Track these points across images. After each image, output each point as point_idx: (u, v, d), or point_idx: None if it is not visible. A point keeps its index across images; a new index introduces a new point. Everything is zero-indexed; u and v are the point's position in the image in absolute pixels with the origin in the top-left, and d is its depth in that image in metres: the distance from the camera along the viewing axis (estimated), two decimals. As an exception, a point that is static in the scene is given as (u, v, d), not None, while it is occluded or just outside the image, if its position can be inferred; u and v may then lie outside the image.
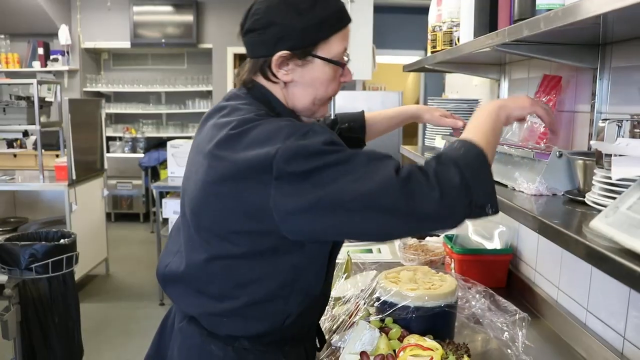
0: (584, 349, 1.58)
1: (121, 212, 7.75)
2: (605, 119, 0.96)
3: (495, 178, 1.40)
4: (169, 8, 7.61)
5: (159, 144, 7.76)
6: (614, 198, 0.97)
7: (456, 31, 1.75)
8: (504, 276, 2.10)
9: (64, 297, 3.28)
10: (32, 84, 4.88)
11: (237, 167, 1.10)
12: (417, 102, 7.71)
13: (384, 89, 8.91)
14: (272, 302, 1.22)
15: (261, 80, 1.25)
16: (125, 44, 7.65)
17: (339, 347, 1.44)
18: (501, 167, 1.41)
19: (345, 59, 1.29)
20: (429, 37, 2.10)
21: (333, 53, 1.22)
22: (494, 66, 2.21)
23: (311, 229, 1.09)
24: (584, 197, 1.13)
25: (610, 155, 0.95)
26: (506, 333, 1.60)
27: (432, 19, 2.21)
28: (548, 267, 1.86)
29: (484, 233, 2.18)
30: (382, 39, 6.75)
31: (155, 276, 1.38)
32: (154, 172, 7.39)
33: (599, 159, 0.97)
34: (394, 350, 1.37)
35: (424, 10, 7.43)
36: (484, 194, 1.06)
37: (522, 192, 1.28)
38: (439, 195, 1.02)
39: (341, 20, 1.24)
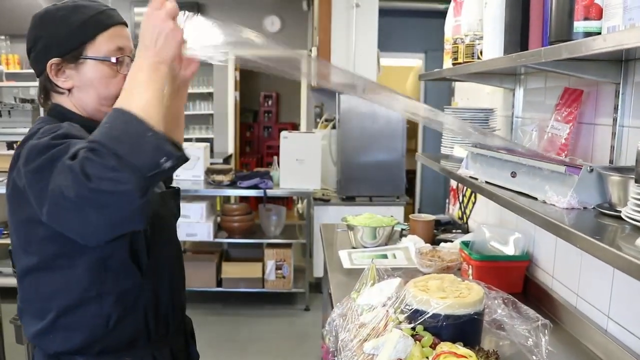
0: (605, 354, 1.62)
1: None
2: (645, 140, 1.01)
3: (525, 190, 1.46)
4: (169, 10, 7.63)
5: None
6: (650, 214, 1.01)
7: (479, 44, 1.80)
8: (520, 282, 2.15)
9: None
10: (36, 86, 4.90)
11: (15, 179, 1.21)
12: (417, 105, 7.75)
13: (383, 90, 8.90)
14: (84, 307, 1.28)
15: (54, 97, 1.34)
16: (127, 46, 7.66)
17: (373, 355, 1.48)
18: (530, 179, 1.45)
19: (127, 59, 1.34)
20: (449, 47, 2.14)
21: (103, 52, 1.31)
22: (509, 76, 2.26)
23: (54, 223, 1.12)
24: (617, 211, 1.18)
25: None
26: (530, 339, 1.65)
27: (449, 28, 2.26)
28: (566, 273, 1.91)
29: (500, 239, 2.22)
30: (381, 42, 6.80)
31: None
32: (155, 174, 7.39)
33: (639, 177, 1.02)
34: (427, 358, 1.42)
35: (425, 14, 7.49)
36: (146, 157, 1.03)
37: (553, 205, 1.32)
38: (93, 187, 1.00)
39: (105, 21, 1.32)
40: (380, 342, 1.48)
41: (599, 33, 1.11)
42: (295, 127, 9.06)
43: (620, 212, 1.14)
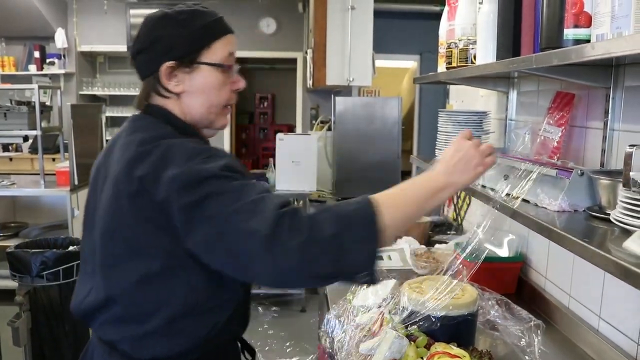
0: (597, 354, 1.65)
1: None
2: (633, 145, 1.03)
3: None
4: (165, 11, 7.64)
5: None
6: (638, 217, 1.04)
7: (472, 49, 1.82)
8: (514, 283, 2.18)
9: (74, 304, 3.31)
10: (33, 89, 4.91)
11: (144, 185, 1.15)
12: (413, 107, 7.79)
13: (379, 93, 8.98)
14: (196, 315, 1.25)
15: (156, 100, 1.31)
16: (122, 48, 7.66)
17: (369, 356, 1.51)
18: (522, 183, 1.47)
19: (236, 67, 1.36)
20: (443, 51, 2.17)
21: (217, 58, 1.30)
22: (503, 79, 2.28)
23: (202, 254, 1.14)
24: (606, 213, 1.21)
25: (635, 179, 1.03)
26: (523, 340, 1.68)
27: (443, 32, 2.29)
28: (559, 275, 1.94)
29: (494, 241, 2.25)
30: (376, 44, 6.84)
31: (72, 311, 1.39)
32: (151, 176, 7.40)
33: (627, 181, 1.04)
34: (422, 358, 1.44)
35: (420, 16, 7.53)
36: (356, 259, 1.06)
37: (545, 207, 1.35)
38: (303, 240, 1.03)
39: (220, 29, 1.33)
40: (375, 342, 1.50)
41: (588, 40, 1.14)
42: (290, 128, 9.08)
43: (609, 214, 1.17)
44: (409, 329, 1.53)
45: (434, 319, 1.50)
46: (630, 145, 1.04)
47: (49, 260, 3.17)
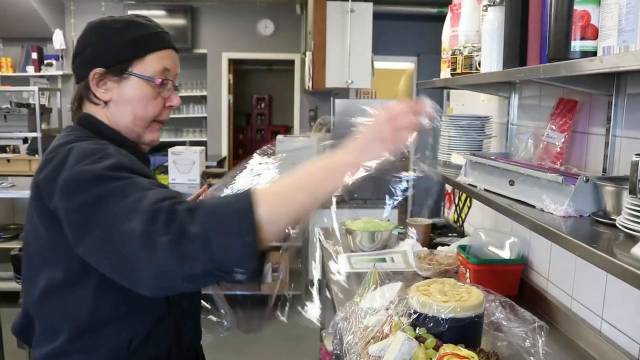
0: (599, 354, 1.69)
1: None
2: (639, 154, 1.07)
3: (523, 198, 1.53)
4: (163, 13, 7.67)
5: (153, 149, 7.78)
6: (643, 223, 1.08)
7: (477, 56, 1.86)
8: (516, 285, 2.22)
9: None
10: (33, 91, 4.93)
11: (40, 191, 1.17)
12: (410, 107, 7.83)
13: (376, 94, 9.02)
14: (107, 329, 1.21)
15: (87, 107, 1.32)
16: (120, 49, 7.68)
17: (379, 357, 1.54)
18: (528, 188, 1.51)
19: (170, 84, 1.35)
20: (447, 56, 2.21)
21: (149, 72, 1.30)
22: (505, 84, 2.32)
23: (91, 260, 1.10)
24: (611, 219, 1.25)
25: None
26: (527, 341, 1.71)
27: (446, 38, 2.33)
28: (561, 277, 1.98)
29: (496, 243, 2.29)
30: (374, 45, 6.88)
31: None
32: (149, 177, 7.42)
33: (633, 188, 1.08)
34: (431, 359, 1.48)
35: (418, 18, 7.55)
36: (227, 254, 0.97)
37: (551, 213, 1.39)
38: (175, 235, 0.96)
39: (156, 42, 1.33)
40: (385, 344, 1.54)
41: (595, 52, 1.17)
42: (288, 129, 9.12)
43: (614, 220, 1.21)
44: (417, 331, 1.57)
45: (442, 321, 1.54)
46: (636, 154, 1.08)
47: None
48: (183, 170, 5.06)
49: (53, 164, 1.16)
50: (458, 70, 1.97)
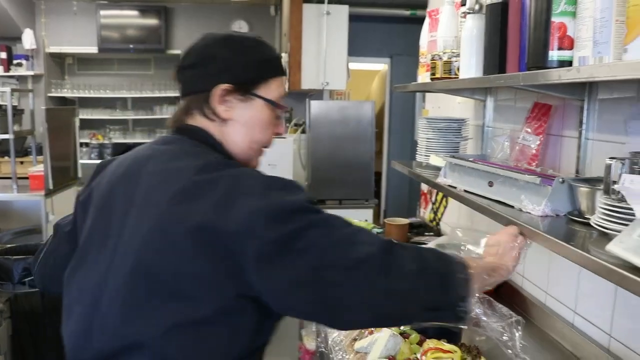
0: (572, 345, 1.78)
1: (88, 219, 7.69)
2: (612, 157, 1.15)
3: (502, 199, 1.60)
4: (136, 13, 7.61)
5: (127, 150, 7.72)
6: (616, 222, 1.15)
7: (456, 61, 1.93)
8: (492, 281, 2.29)
9: (56, 310, 3.31)
10: (5, 92, 4.87)
11: (209, 219, 1.02)
12: (383, 109, 7.93)
13: (349, 95, 9.10)
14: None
15: (197, 120, 1.23)
16: (92, 49, 7.60)
17: (364, 353, 1.60)
18: (507, 189, 1.59)
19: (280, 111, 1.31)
20: (425, 61, 2.28)
21: (271, 96, 1.25)
22: (481, 88, 2.40)
23: (280, 294, 1.03)
24: (586, 218, 1.32)
25: (614, 187, 1.14)
26: (505, 335, 1.79)
27: (424, 42, 2.40)
28: (535, 273, 2.07)
29: (473, 242, 2.36)
30: (349, 47, 6.96)
31: None
32: (123, 178, 7.37)
33: (607, 189, 1.16)
34: (415, 354, 1.54)
35: (391, 20, 7.61)
36: (458, 292, 1.09)
37: (529, 212, 1.46)
38: (417, 267, 1.05)
39: (279, 67, 1.30)
40: (371, 340, 1.60)
41: (571, 62, 1.25)
42: (262, 130, 9.12)
43: (588, 219, 1.29)
44: (401, 327, 1.63)
45: (425, 317, 1.60)
46: (610, 158, 1.15)
47: (31, 267, 3.17)
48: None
49: (219, 189, 1.05)
50: (437, 75, 2.04)
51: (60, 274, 1.29)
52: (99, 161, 1.31)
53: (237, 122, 1.23)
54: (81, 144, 7.89)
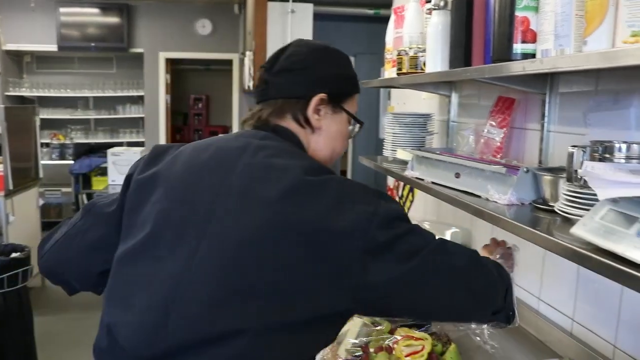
0: (537, 331, 1.84)
1: (50, 221, 7.52)
2: (574, 146, 1.20)
3: (468, 189, 1.65)
4: (97, 11, 7.50)
5: (90, 150, 7.62)
6: (578, 208, 1.20)
7: (422, 56, 1.98)
8: (459, 272, 2.35)
9: (19, 312, 3.26)
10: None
11: (325, 222, 1.03)
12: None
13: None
14: None
15: (288, 123, 1.24)
16: (52, 47, 7.46)
17: (337, 343, 1.62)
18: (473, 180, 1.63)
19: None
20: (391, 57, 2.32)
21: (353, 111, 1.32)
22: (445, 83, 2.45)
23: (392, 301, 1.07)
24: (550, 205, 1.38)
25: (577, 174, 1.19)
26: (473, 323, 1.84)
27: (390, 39, 2.43)
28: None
29: (440, 234, 2.41)
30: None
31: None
32: (85, 180, 7.25)
33: (569, 176, 1.21)
34: (388, 342, 1.57)
35: (355, 19, 7.66)
36: (511, 299, 1.28)
37: (496, 202, 1.51)
38: (497, 277, 1.23)
39: (359, 85, 1.37)
40: (343, 330, 1.62)
41: (534, 54, 1.30)
42: (226, 130, 9.08)
43: (552, 206, 1.34)
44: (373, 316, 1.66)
45: (396, 306, 1.64)
46: (572, 146, 1.20)
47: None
48: (123, 172, 4.96)
49: (331, 192, 1.07)
50: (404, 70, 2.07)
51: (80, 260, 1.27)
52: (60, 162, 1.26)
53: (324, 131, 1.26)
54: (42, 144, 7.74)
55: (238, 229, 1.05)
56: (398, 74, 2.13)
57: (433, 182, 1.85)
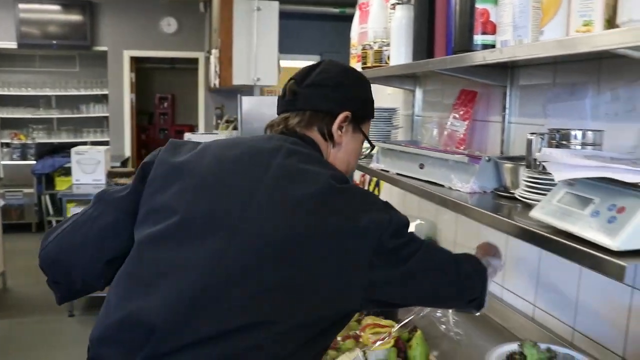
0: (501, 317, 1.89)
1: (11, 223, 7.34)
2: (533, 133, 1.24)
3: (432, 179, 1.68)
4: (58, 8, 7.35)
5: (52, 150, 7.46)
6: (538, 193, 1.25)
7: (386, 50, 2.01)
8: (425, 264, 2.39)
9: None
10: None
11: (349, 224, 1.10)
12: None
13: (279, 92, 9.11)
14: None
15: (314, 135, 1.32)
16: (11, 45, 7.28)
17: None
18: (437, 169, 1.67)
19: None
20: (356, 52, 2.35)
21: (367, 132, 1.43)
22: (409, 78, 2.49)
23: (402, 296, 1.20)
24: (511, 193, 1.42)
25: (536, 160, 1.23)
26: (438, 311, 1.88)
27: (355, 34, 2.46)
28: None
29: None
30: (279, 44, 6.99)
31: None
32: (48, 180, 7.11)
33: (529, 163, 1.25)
34: (355, 330, 1.60)
35: (321, 17, 7.70)
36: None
37: (459, 190, 1.54)
38: (473, 271, 1.31)
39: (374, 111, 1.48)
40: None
41: (494, 45, 1.34)
42: (192, 129, 8.99)
43: (513, 193, 1.38)
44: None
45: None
46: (530, 133, 1.24)
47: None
48: (88, 171, 4.92)
49: (355, 199, 1.16)
50: (368, 64, 2.10)
51: (87, 248, 1.26)
52: (21, 162, 1.23)
53: (343, 147, 1.35)
54: (2, 144, 7.57)
55: (270, 226, 1.09)
56: (363, 68, 2.16)
57: (398, 174, 1.88)
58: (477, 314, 1.39)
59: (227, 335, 1.05)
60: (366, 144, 1.49)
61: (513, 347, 1.44)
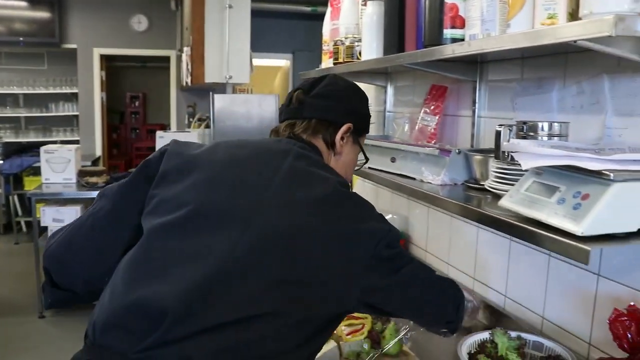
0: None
1: (-24, 224, 7.19)
2: (501, 125, 1.27)
3: (404, 172, 1.71)
4: (25, 4, 7.22)
5: (21, 149, 7.32)
6: (506, 183, 1.28)
7: (357, 46, 2.03)
8: (398, 258, 2.42)
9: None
10: None
11: (350, 227, 1.16)
12: (288, 103, 8.01)
13: (251, 90, 9.11)
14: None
15: (318, 142, 1.38)
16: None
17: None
18: (408, 163, 1.69)
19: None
20: (328, 48, 2.36)
21: (362, 145, 1.49)
22: (381, 74, 2.52)
23: (391, 303, 1.24)
24: (480, 184, 1.45)
25: (504, 152, 1.26)
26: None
27: (327, 31, 2.48)
28: (437, 247, 2.20)
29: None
30: (252, 42, 6.97)
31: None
32: (16, 180, 6.97)
33: (497, 153, 1.28)
34: (329, 322, 1.61)
35: (292, 16, 7.70)
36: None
37: (430, 182, 1.57)
38: (453, 295, 1.37)
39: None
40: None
41: (463, 39, 1.36)
42: (164, 128, 8.92)
43: (483, 185, 1.41)
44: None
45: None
46: (499, 125, 1.27)
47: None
48: (57, 170, 4.84)
49: (356, 209, 1.22)
50: (340, 60, 2.12)
51: (92, 241, 1.28)
52: None
53: (342, 157, 1.43)
54: (-34, 144, 7.41)
55: (280, 223, 1.14)
56: (334, 63, 2.18)
57: (370, 168, 1.91)
58: (450, 337, 1.43)
59: (232, 324, 1.08)
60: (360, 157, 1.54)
61: (484, 335, 1.47)
